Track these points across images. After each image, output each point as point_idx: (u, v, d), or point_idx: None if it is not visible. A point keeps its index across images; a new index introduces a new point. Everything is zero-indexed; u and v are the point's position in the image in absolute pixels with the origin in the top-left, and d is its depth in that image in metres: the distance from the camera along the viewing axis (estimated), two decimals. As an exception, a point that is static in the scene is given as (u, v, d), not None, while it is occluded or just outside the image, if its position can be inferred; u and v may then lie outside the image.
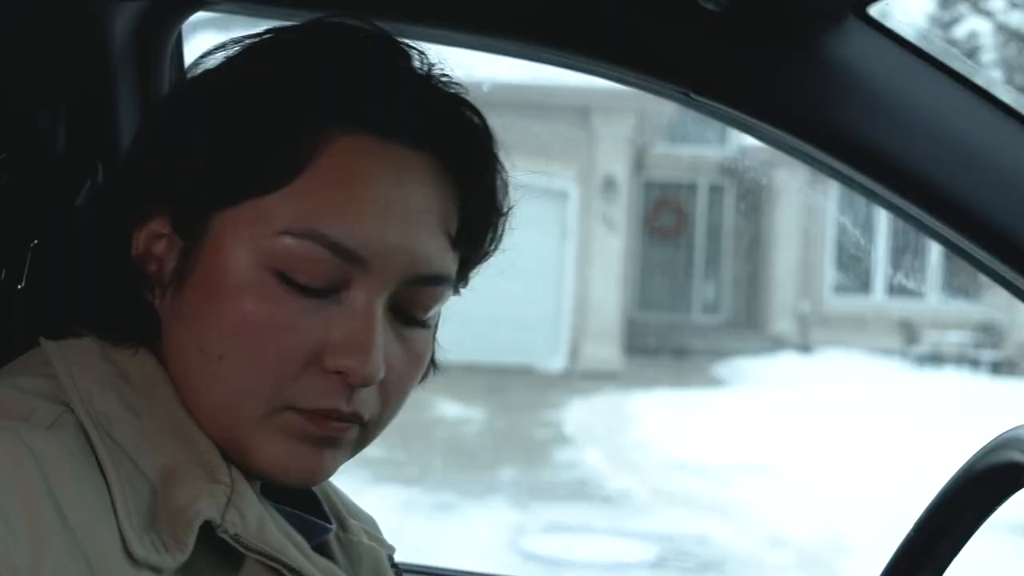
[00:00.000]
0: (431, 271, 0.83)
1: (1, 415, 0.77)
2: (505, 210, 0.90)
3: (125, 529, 0.75)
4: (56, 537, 0.71)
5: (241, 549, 0.79)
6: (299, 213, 0.79)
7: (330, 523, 0.93)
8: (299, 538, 0.85)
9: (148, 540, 0.75)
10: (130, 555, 0.74)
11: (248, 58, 0.86)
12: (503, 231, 0.91)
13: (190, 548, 0.76)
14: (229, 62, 0.86)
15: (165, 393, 0.82)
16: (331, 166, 0.80)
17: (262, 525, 0.80)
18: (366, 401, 0.82)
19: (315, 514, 0.93)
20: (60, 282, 0.89)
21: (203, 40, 0.95)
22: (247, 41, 0.87)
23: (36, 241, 0.99)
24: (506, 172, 0.89)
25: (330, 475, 0.86)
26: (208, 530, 0.78)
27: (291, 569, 0.80)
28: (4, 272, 1.01)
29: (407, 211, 0.81)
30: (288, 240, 0.79)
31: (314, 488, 0.95)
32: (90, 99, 1.14)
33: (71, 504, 0.73)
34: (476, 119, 0.86)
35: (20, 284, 0.99)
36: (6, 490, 0.72)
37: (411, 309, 0.84)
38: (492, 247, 0.91)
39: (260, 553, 0.79)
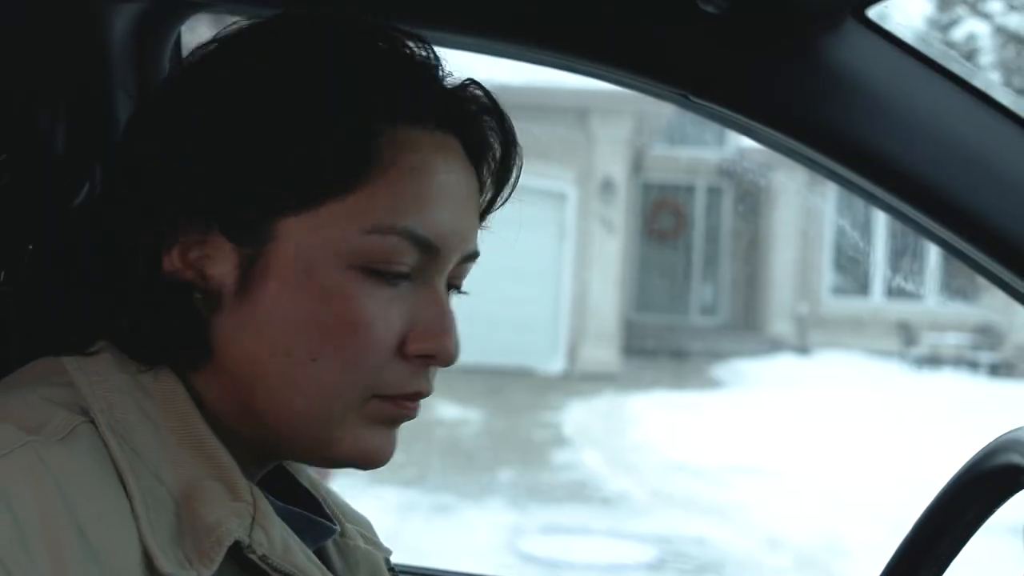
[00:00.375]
0: (474, 249, 0.88)
1: (15, 424, 0.76)
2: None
3: (149, 544, 0.75)
4: (76, 556, 0.71)
5: (269, 571, 0.79)
6: (381, 210, 0.81)
7: (334, 523, 0.93)
8: (313, 556, 0.85)
9: (172, 555, 0.75)
10: (154, 570, 0.74)
11: (279, 59, 0.83)
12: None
13: (216, 566, 0.77)
14: (250, 64, 0.83)
15: (185, 408, 0.82)
16: (396, 162, 0.82)
17: (287, 546, 0.81)
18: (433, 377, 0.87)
19: (318, 515, 0.92)
20: (74, 295, 0.85)
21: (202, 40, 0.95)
22: (246, 40, 0.85)
23: (32, 245, 0.99)
24: (519, 146, 0.91)
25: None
26: (230, 549, 0.78)
27: None
28: (2, 274, 1.01)
29: (458, 196, 0.85)
30: (375, 238, 0.81)
31: (311, 490, 0.95)
32: (89, 100, 1.14)
33: (91, 520, 0.73)
34: (488, 98, 0.89)
35: (17, 286, 0.99)
36: (25, 511, 0.71)
37: (454, 283, 0.89)
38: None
39: (287, 574, 0.80)
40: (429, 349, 0.83)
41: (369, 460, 0.85)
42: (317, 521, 0.91)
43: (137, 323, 0.82)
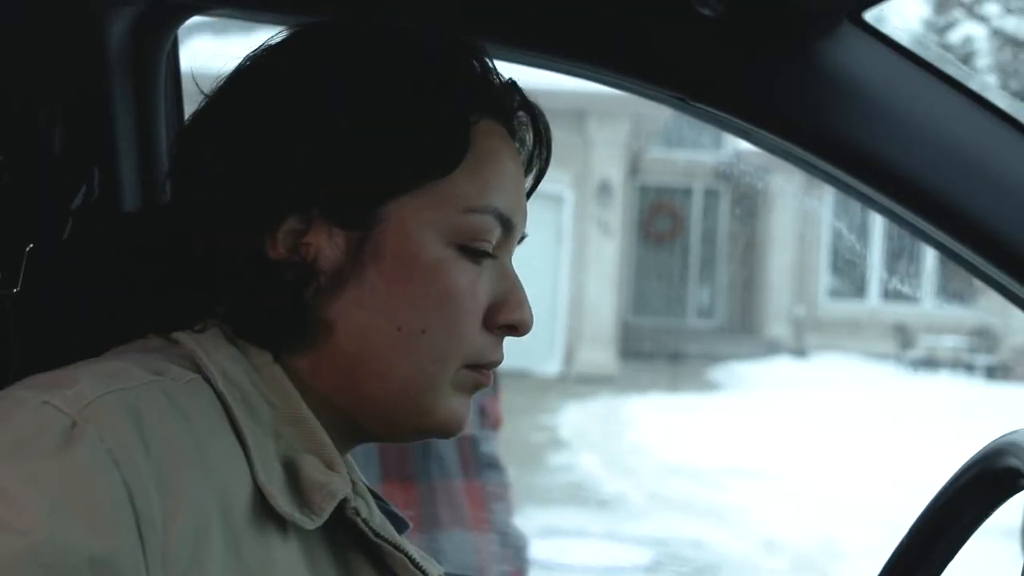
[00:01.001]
0: (526, 229, 0.96)
1: (140, 366, 0.81)
2: None
3: (265, 486, 0.80)
4: (195, 487, 0.76)
5: (370, 534, 0.86)
6: (475, 191, 0.89)
7: (403, 516, 0.98)
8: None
9: (287, 499, 0.81)
10: (266, 510, 0.80)
11: (377, 58, 0.89)
12: None
13: (326, 516, 0.82)
14: (354, 57, 0.88)
15: (287, 386, 0.86)
16: (482, 148, 0.90)
17: (384, 520, 0.88)
18: None
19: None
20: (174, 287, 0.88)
21: (199, 44, 0.95)
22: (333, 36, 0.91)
23: (32, 244, 0.99)
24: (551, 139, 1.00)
25: None
26: (333, 512, 0.83)
27: (412, 561, 0.88)
28: (1, 275, 1.01)
29: (520, 179, 0.95)
30: (473, 216, 0.88)
31: (370, 487, 0.98)
32: (87, 102, 1.14)
33: (211, 455, 0.78)
34: (524, 95, 0.97)
35: (16, 287, 0.99)
36: (153, 437, 0.75)
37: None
38: None
39: (387, 541, 0.87)
40: (513, 320, 0.91)
41: (455, 427, 0.92)
42: (395, 513, 0.96)
43: (244, 308, 0.87)
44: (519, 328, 0.92)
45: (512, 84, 0.94)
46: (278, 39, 0.91)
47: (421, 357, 0.88)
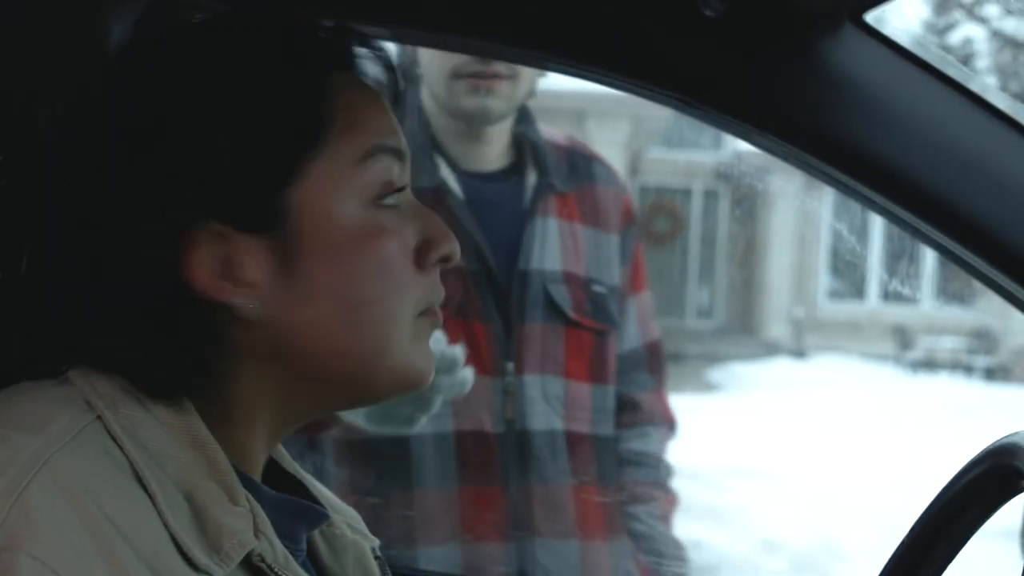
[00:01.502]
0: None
1: (18, 426, 0.77)
2: None
3: (180, 537, 0.77)
4: (129, 562, 0.73)
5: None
6: (357, 141, 0.86)
7: (326, 508, 0.94)
8: (305, 569, 0.87)
9: (200, 550, 0.77)
10: (189, 562, 0.76)
11: (227, 54, 0.86)
12: None
13: (234, 565, 0.79)
14: (209, 60, 0.86)
15: (186, 404, 0.83)
16: (342, 100, 0.86)
17: (287, 556, 0.84)
18: None
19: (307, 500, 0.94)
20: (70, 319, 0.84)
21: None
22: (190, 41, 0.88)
23: (33, 244, 0.99)
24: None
25: None
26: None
27: None
28: (1, 274, 1.01)
29: (387, 109, 0.91)
30: (369, 163, 0.86)
31: (296, 475, 0.97)
32: (88, 99, 1.13)
33: (126, 522, 0.74)
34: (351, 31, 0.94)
35: (17, 285, 0.99)
36: (69, 528, 0.71)
37: None
38: None
39: None
40: (444, 253, 0.89)
41: (422, 379, 0.90)
42: (311, 507, 0.92)
43: (157, 356, 0.82)
44: (451, 258, 0.90)
45: (338, 29, 0.91)
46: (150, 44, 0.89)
47: (374, 325, 0.86)
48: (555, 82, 1.87)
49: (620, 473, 1.86)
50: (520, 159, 1.82)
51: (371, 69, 0.92)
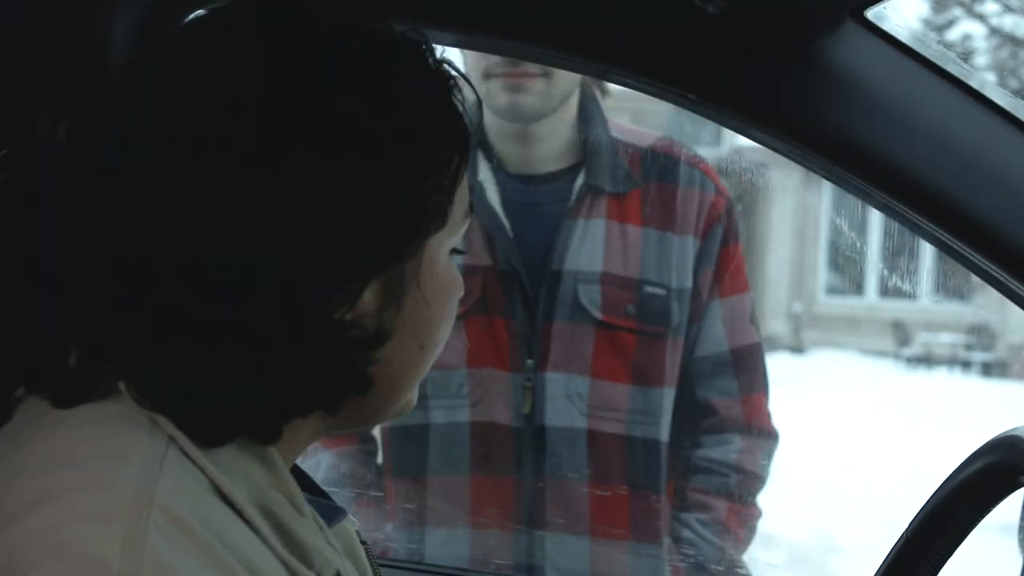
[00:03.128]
0: None
1: (98, 455, 0.73)
2: None
3: (282, 556, 0.76)
4: None
5: None
6: (465, 196, 0.90)
7: (342, 506, 0.95)
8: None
9: (301, 570, 0.78)
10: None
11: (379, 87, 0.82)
12: None
13: None
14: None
15: None
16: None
17: (344, 564, 0.85)
18: None
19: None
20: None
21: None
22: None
23: (36, 240, 0.99)
24: None
25: None
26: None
27: None
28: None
29: None
30: (467, 218, 0.90)
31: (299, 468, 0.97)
32: (91, 96, 1.13)
33: (240, 548, 0.73)
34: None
35: (19, 283, 0.99)
36: (200, 569, 0.70)
37: None
38: None
39: None
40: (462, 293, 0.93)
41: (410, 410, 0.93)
42: (333, 506, 0.93)
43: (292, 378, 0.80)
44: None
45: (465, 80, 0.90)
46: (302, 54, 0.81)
47: (427, 363, 0.89)
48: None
49: (684, 478, 1.84)
50: (580, 162, 1.82)
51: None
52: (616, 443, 1.76)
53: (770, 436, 1.90)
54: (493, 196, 1.79)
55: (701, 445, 1.84)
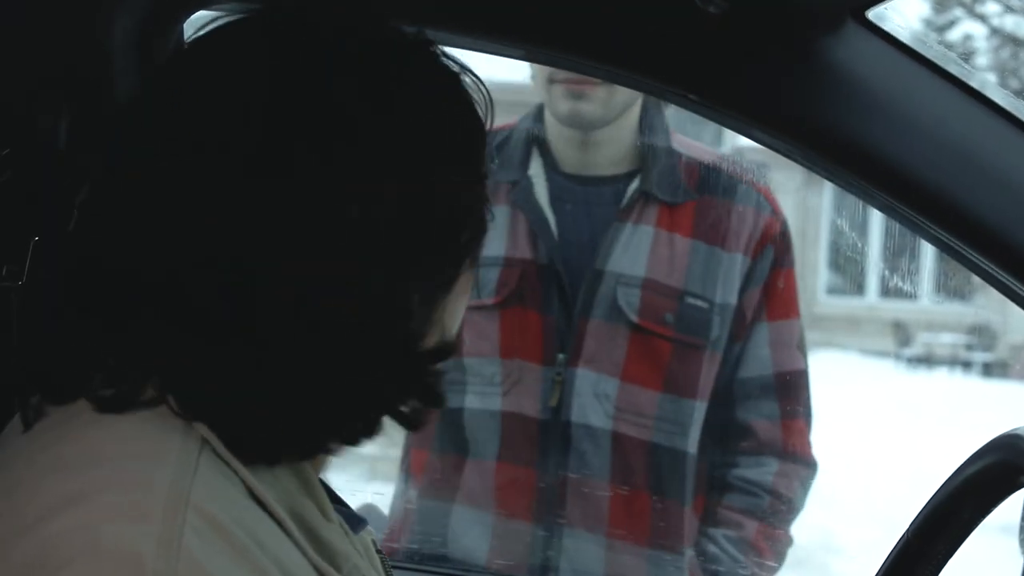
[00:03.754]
0: None
1: (132, 454, 0.73)
2: None
3: (314, 560, 0.77)
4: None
5: None
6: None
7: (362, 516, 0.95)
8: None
9: (329, 569, 0.78)
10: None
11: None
12: None
13: None
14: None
15: None
16: None
17: (370, 571, 0.86)
18: None
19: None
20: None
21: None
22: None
23: (37, 237, 1.00)
24: None
25: None
26: None
27: None
28: (4, 268, 1.01)
29: None
30: None
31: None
32: (92, 94, 1.14)
33: (274, 550, 0.74)
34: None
35: (21, 280, 0.99)
36: (235, 570, 0.70)
37: None
38: None
39: None
40: None
41: None
42: (354, 515, 0.93)
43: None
44: None
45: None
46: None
47: None
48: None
49: (716, 495, 1.84)
50: (637, 169, 1.83)
51: None
52: (640, 447, 1.77)
53: (808, 464, 1.89)
54: (541, 192, 1.81)
55: (737, 465, 1.84)
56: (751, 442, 1.83)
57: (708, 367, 1.80)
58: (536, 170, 1.82)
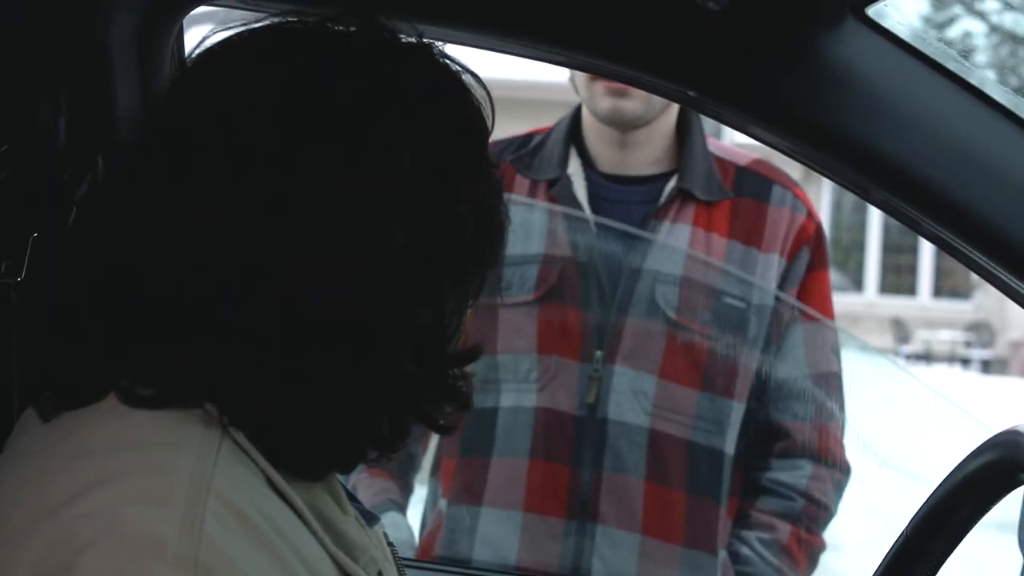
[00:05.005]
0: None
1: (153, 442, 0.75)
2: None
3: (331, 550, 0.78)
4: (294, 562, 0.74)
5: None
6: None
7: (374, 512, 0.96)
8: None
9: (348, 565, 0.80)
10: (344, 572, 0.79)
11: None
12: None
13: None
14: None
15: None
16: None
17: (385, 565, 0.87)
18: None
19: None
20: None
21: (202, 33, 0.95)
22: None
23: (36, 234, 0.99)
24: None
25: None
26: None
27: None
28: (3, 265, 1.01)
29: None
30: None
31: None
32: (91, 92, 1.14)
33: (293, 539, 0.75)
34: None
35: (20, 277, 0.99)
36: (255, 557, 0.71)
37: None
38: None
39: None
40: None
41: None
42: (367, 511, 0.94)
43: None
44: None
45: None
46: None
47: None
48: (555, 75, 1.87)
49: (750, 497, 1.83)
50: (675, 169, 1.83)
51: None
52: (677, 445, 1.76)
53: (842, 468, 1.90)
54: (580, 190, 1.81)
55: (771, 468, 1.84)
56: (786, 443, 1.83)
57: (745, 367, 1.79)
58: (575, 169, 1.82)
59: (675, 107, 1.82)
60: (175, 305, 0.76)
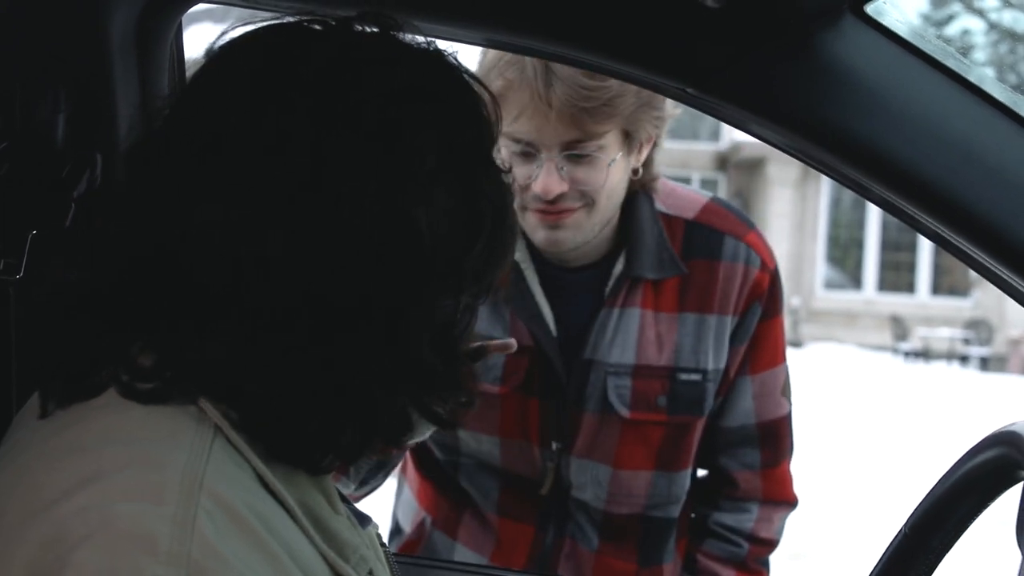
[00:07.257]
0: None
1: (146, 435, 0.75)
2: None
3: (321, 548, 0.79)
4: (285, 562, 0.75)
5: None
6: None
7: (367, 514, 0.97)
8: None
9: (339, 564, 0.81)
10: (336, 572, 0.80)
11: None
12: None
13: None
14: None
15: None
16: None
17: (376, 564, 0.88)
18: None
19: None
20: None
21: (200, 30, 0.95)
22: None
23: (35, 231, 1.00)
24: None
25: None
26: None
27: None
28: (3, 262, 1.01)
29: None
30: None
31: None
32: (90, 89, 1.14)
33: (284, 538, 0.76)
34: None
35: (19, 274, 0.99)
36: (247, 556, 0.72)
37: None
38: None
39: None
40: None
41: None
42: (359, 512, 0.95)
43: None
44: None
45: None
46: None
47: None
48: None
49: (696, 539, 1.84)
50: (619, 248, 1.74)
51: None
52: (631, 520, 1.77)
53: (789, 504, 1.89)
54: (532, 277, 1.74)
55: (719, 509, 1.83)
56: (732, 490, 1.82)
57: (698, 433, 1.78)
58: (521, 253, 1.74)
59: (617, 212, 1.72)
60: (203, 292, 0.77)
